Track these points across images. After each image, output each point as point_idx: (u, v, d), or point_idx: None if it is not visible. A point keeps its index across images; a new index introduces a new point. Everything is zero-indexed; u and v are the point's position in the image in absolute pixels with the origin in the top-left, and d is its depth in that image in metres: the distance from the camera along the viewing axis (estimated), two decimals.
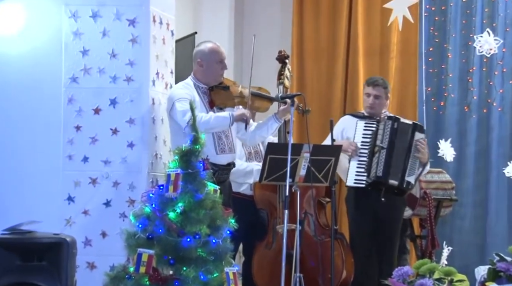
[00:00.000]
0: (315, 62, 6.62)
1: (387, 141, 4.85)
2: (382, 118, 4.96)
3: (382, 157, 4.84)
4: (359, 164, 4.90)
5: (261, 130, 4.66)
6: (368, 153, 4.90)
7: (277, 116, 4.65)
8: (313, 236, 4.92)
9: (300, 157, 4.33)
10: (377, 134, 4.90)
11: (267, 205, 5.02)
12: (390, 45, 6.48)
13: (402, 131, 4.88)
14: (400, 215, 5.06)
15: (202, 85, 4.56)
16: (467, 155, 6.47)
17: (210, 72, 4.52)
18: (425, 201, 5.46)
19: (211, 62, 4.51)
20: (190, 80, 4.59)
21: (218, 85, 4.57)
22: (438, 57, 6.52)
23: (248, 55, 6.67)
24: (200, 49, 4.57)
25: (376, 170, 4.84)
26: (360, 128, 4.94)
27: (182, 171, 3.88)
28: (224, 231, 3.93)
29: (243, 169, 4.94)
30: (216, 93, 4.55)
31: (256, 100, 4.59)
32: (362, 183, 4.87)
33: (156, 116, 4.67)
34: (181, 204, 3.85)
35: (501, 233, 6.39)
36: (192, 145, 3.90)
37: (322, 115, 6.32)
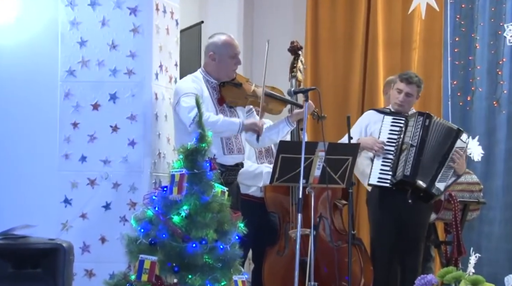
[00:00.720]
0: (330, 53, 6.64)
1: (418, 139, 4.88)
2: (412, 114, 4.99)
3: (411, 155, 4.87)
4: (384, 161, 4.93)
5: (271, 134, 4.69)
6: (394, 151, 4.92)
7: (289, 120, 4.68)
8: (328, 241, 4.94)
9: (314, 156, 4.34)
10: (406, 131, 4.92)
11: (278, 208, 5.04)
12: (412, 34, 6.49)
13: (444, 134, 4.89)
14: (426, 219, 5.09)
15: (212, 80, 4.58)
16: (496, 154, 6.46)
17: (222, 67, 4.55)
18: (450, 204, 5.46)
19: (224, 56, 4.53)
20: (200, 73, 4.61)
21: (229, 82, 4.58)
22: (464, 48, 6.52)
23: (258, 46, 6.73)
24: (213, 41, 4.59)
25: (404, 169, 4.86)
26: (387, 124, 4.97)
27: (187, 171, 3.90)
28: (232, 236, 3.95)
29: (252, 171, 4.97)
30: (227, 90, 4.56)
31: (269, 102, 4.61)
32: (387, 182, 4.90)
33: (159, 112, 4.70)
34: (186, 206, 3.88)
35: None
36: (198, 143, 3.92)
37: (338, 111, 6.34)
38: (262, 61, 4.55)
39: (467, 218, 5.67)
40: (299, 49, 5.17)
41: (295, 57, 5.15)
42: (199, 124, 3.95)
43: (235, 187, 4.62)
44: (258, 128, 4.48)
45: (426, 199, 4.96)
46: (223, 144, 4.51)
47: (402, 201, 4.87)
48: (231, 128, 4.44)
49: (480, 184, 5.73)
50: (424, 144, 4.87)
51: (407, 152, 4.86)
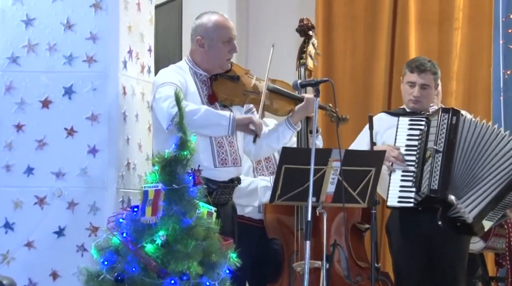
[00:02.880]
0: (348, 35, 6.69)
1: (443, 142, 4.88)
2: (434, 112, 5.00)
3: (437, 164, 4.88)
4: (404, 175, 4.95)
5: (270, 140, 4.68)
6: (416, 160, 4.94)
7: (290, 121, 4.67)
8: (345, 276, 4.97)
9: (327, 167, 4.36)
10: (428, 133, 4.94)
11: (281, 233, 5.06)
12: (453, 10, 6.55)
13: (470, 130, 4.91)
14: (464, 245, 5.08)
15: (201, 72, 4.59)
16: None
17: (213, 55, 4.56)
18: (502, 229, 5.49)
19: (215, 42, 4.55)
20: (185, 63, 4.63)
21: (224, 74, 4.60)
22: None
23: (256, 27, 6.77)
24: (201, 22, 4.60)
25: (430, 182, 4.87)
26: (403, 127, 4.98)
27: (164, 187, 3.93)
28: (222, 269, 3.96)
29: (245, 187, 4.98)
30: (220, 85, 4.58)
31: (275, 100, 4.63)
32: (410, 202, 4.91)
33: (128, 111, 4.72)
34: (163, 232, 3.89)
35: None
36: (178, 150, 3.96)
37: (358, 109, 6.37)
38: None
39: None
40: (310, 28, 5.17)
41: (306, 39, 5.15)
42: (179, 125, 3.97)
43: (229, 209, 4.64)
44: (256, 125, 4.45)
45: (463, 230, 4.95)
46: (214, 153, 4.53)
47: (430, 223, 4.89)
48: (217, 122, 4.38)
49: None
50: (453, 147, 4.87)
51: (432, 160, 4.88)
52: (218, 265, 3.97)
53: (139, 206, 3.95)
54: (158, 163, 3.96)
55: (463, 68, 6.51)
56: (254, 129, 4.46)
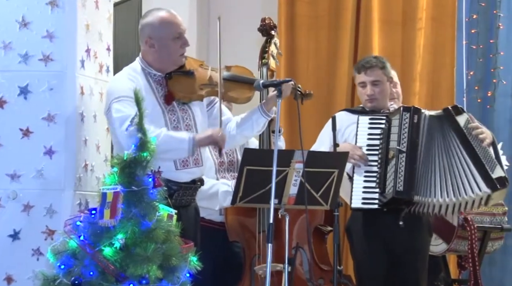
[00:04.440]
0: (311, 34, 6.70)
1: (406, 142, 4.90)
2: (395, 111, 5.02)
3: (402, 165, 4.89)
4: (367, 176, 4.96)
5: (243, 129, 4.67)
6: (379, 160, 4.96)
7: (264, 108, 4.65)
8: (307, 280, 4.98)
9: (290, 169, 4.37)
10: (389, 133, 4.95)
11: (243, 236, 5.07)
12: (417, 11, 6.59)
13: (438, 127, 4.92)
14: (426, 246, 5.11)
15: (155, 72, 4.57)
16: None
17: (165, 54, 4.53)
18: (465, 231, 5.53)
19: (164, 40, 4.51)
20: (138, 64, 4.60)
21: (178, 70, 4.57)
22: (484, 28, 6.64)
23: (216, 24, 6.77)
24: (147, 21, 4.55)
25: (395, 183, 4.88)
26: (364, 126, 4.99)
27: (123, 189, 3.91)
28: (182, 273, 3.96)
29: (206, 190, 4.97)
30: (175, 82, 4.55)
31: (232, 88, 4.61)
32: (375, 203, 4.93)
33: (86, 111, 4.69)
34: (122, 235, 3.87)
35: None
36: (137, 151, 3.94)
37: (321, 109, 6.39)
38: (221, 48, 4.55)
39: (488, 249, 5.75)
40: (272, 28, 5.19)
41: (268, 39, 5.17)
42: (139, 126, 3.95)
43: (192, 211, 4.62)
44: (217, 140, 4.43)
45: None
46: None
47: (393, 224, 4.90)
48: (176, 147, 4.37)
49: (504, 205, 5.81)
50: (416, 147, 4.90)
51: (396, 161, 4.89)
52: (178, 269, 3.97)
53: (97, 208, 3.94)
54: (117, 165, 3.94)
55: (426, 69, 6.55)
56: (215, 142, 4.46)
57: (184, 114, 4.56)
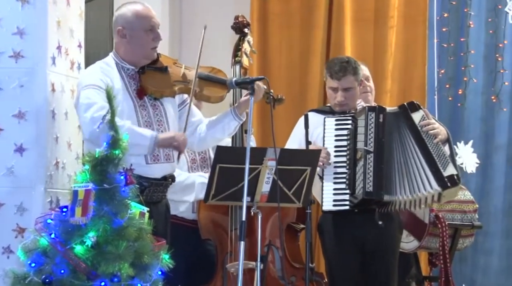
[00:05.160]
0: (283, 32, 6.70)
1: (373, 142, 4.91)
2: (361, 111, 5.03)
3: (370, 165, 4.90)
4: (336, 177, 4.96)
5: (214, 131, 4.68)
6: (347, 161, 4.96)
7: (236, 111, 4.67)
8: (279, 277, 4.99)
9: (262, 166, 4.37)
10: (356, 133, 4.96)
11: (215, 234, 5.07)
12: (388, 9, 6.60)
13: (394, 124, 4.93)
14: (397, 244, 5.13)
15: (128, 66, 4.56)
16: (495, 165, 6.62)
17: (136, 45, 4.52)
18: (436, 229, 5.56)
19: (137, 31, 4.52)
20: (112, 58, 4.59)
21: (151, 65, 4.57)
22: (455, 26, 6.67)
23: (188, 22, 6.75)
24: (122, 13, 4.56)
25: (364, 184, 4.89)
26: (330, 128, 4.98)
27: (94, 187, 3.88)
28: (154, 271, 3.94)
29: (181, 182, 4.96)
30: (148, 77, 4.54)
31: (205, 87, 4.60)
32: (346, 204, 4.93)
33: (57, 108, 4.67)
34: (93, 233, 3.85)
35: None
36: (109, 149, 3.91)
37: (294, 107, 6.39)
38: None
39: (458, 246, 5.78)
40: (245, 26, 5.20)
41: (241, 36, 5.17)
42: (111, 123, 3.94)
43: (163, 207, 4.61)
44: (178, 143, 4.44)
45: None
46: None
47: (363, 223, 4.92)
48: (137, 142, 4.33)
49: (474, 202, 5.85)
50: (382, 146, 4.91)
51: (364, 161, 4.89)
52: (150, 267, 3.95)
53: (68, 206, 3.91)
54: (88, 162, 3.92)
55: (398, 67, 6.57)
56: (176, 146, 4.45)
57: (156, 110, 4.55)
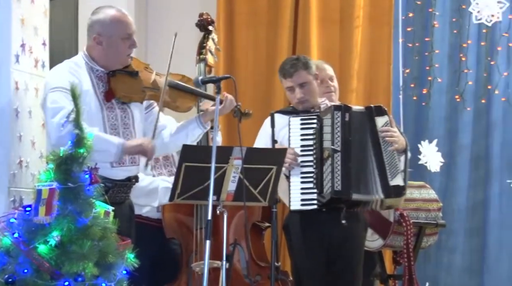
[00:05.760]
0: (250, 31, 6.69)
1: (340, 141, 4.91)
2: (326, 109, 5.03)
3: (338, 164, 4.91)
4: (304, 177, 4.96)
5: (177, 138, 4.66)
6: (314, 160, 4.96)
7: (201, 120, 4.66)
8: (244, 276, 4.99)
9: (228, 165, 4.37)
10: (322, 132, 4.96)
11: (180, 233, 5.06)
12: (354, 9, 6.61)
13: (358, 124, 4.95)
14: (362, 243, 5.15)
15: (98, 68, 4.52)
16: (459, 163, 6.66)
17: (112, 52, 4.49)
18: (401, 227, 5.58)
19: (114, 39, 4.48)
20: (82, 58, 4.55)
21: (122, 70, 4.53)
22: (420, 26, 6.70)
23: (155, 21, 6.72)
24: (98, 18, 4.51)
25: (333, 183, 4.89)
26: (295, 128, 4.98)
27: (59, 186, 3.85)
28: (119, 270, 3.92)
29: (144, 186, 4.96)
30: (118, 81, 4.51)
31: (176, 96, 4.59)
32: (313, 204, 4.93)
33: (21, 107, 4.64)
34: (57, 232, 3.82)
35: (505, 272, 6.60)
36: (74, 148, 3.88)
37: (260, 106, 6.38)
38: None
39: (422, 244, 5.81)
40: (210, 23, 5.20)
41: (206, 34, 5.17)
42: (76, 122, 3.91)
43: (127, 208, 4.60)
44: (146, 150, 4.42)
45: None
46: None
47: (330, 222, 4.92)
48: (105, 149, 4.32)
49: (438, 201, 5.88)
50: (349, 145, 4.91)
51: (331, 160, 4.90)
52: (115, 266, 3.93)
53: (32, 205, 3.87)
54: (53, 161, 3.89)
55: (363, 66, 6.59)
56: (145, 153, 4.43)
57: (123, 113, 4.53)
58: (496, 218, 6.64)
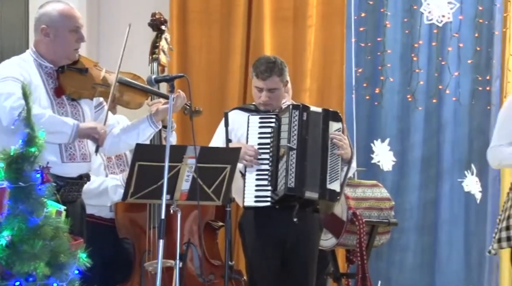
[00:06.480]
0: (203, 30, 6.67)
1: (297, 139, 4.93)
2: (285, 109, 5.03)
3: (293, 162, 4.92)
4: (259, 174, 4.95)
5: (128, 136, 4.61)
6: (270, 158, 4.96)
7: (153, 119, 4.62)
8: (197, 275, 4.98)
9: (182, 164, 4.35)
10: (279, 131, 4.97)
11: (133, 232, 5.03)
12: (307, 8, 6.62)
13: (313, 124, 4.98)
14: (316, 243, 5.16)
15: (46, 64, 4.48)
16: (411, 162, 6.71)
17: (59, 45, 4.46)
18: (354, 226, 5.60)
19: (61, 31, 4.45)
20: (30, 55, 4.50)
21: (71, 66, 4.50)
22: (372, 26, 6.73)
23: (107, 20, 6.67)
24: (46, 11, 4.48)
25: (286, 180, 4.90)
26: (254, 125, 4.99)
27: (9, 185, 3.78)
28: (71, 270, 3.86)
29: (95, 188, 4.94)
30: (67, 77, 4.48)
31: (125, 92, 4.56)
32: (267, 201, 4.93)
33: None
34: (8, 232, 3.76)
35: (455, 270, 6.67)
36: (25, 146, 3.82)
37: (213, 105, 6.37)
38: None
39: (375, 243, 5.84)
40: (162, 23, 5.18)
41: (158, 34, 5.16)
42: (27, 121, 3.86)
43: (78, 206, 4.56)
44: (98, 135, 4.38)
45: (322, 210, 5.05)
46: (62, 147, 4.42)
47: (285, 220, 4.92)
48: (59, 129, 4.30)
49: (391, 199, 5.92)
50: (305, 144, 4.93)
51: (286, 158, 4.91)
52: (67, 266, 3.87)
53: None
54: (3, 160, 3.82)
55: (317, 65, 6.60)
56: (96, 138, 4.39)
57: (73, 109, 4.50)
58: (446, 216, 6.70)
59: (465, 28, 6.74)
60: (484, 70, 6.75)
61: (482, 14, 6.74)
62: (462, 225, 6.69)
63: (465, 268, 6.67)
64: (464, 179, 6.68)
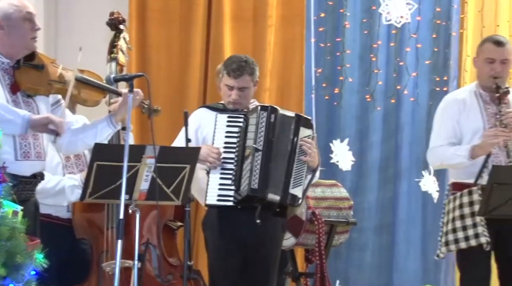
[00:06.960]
0: (162, 30, 6.64)
1: (263, 141, 4.92)
2: (253, 109, 5.03)
3: (257, 163, 4.91)
4: (223, 174, 4.94)
5: (86, 136, 4.57)
6: (235, 158, 4.95)
7: (112, 119, 4.58)
8: (156, 276, 4.96)
9: (141, 164, 4.32)
10: (246, 131, 4.96)
11: (91, 233, 5.00)
12: (267, 8, 6.62)
13: (283, 127, 4.99)
14: (278, 243, 5.16)
15: (3, 59, 4.42)
16: (369, 162, 6.74)
17: (16, 35, 4.40)
18: (313, 225, 5.60)
19: (15, 21, 4.40)
20: None
21: (27, 62, 4.45)
22: (331, 26, 6.74)
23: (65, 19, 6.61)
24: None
25: (250, 181, 4.89)
26: (221, 124, 4.98)
27: None
28: (27, 271, 3.84)
29: (52, 187, 4.91)
30: (23, 73, 4.43)
31: (82, 89, 4.51)
32: (230, 200, 4.92)
33: None
34: None
35: (412, 269, 6.71)
36: None
37: (173, 105, 6.35)
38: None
39: (334, 242, 5.85)
40: (121, 22, 5.16)
41: (116, 33, 5.13)
42: None
43: (32, 206, 4.50)
44: (55, 123, 4.31)
45: (282, 214, 5.03)
46: (16, 145, 4.36)
47: (248, 221, 4.92)
48: (10, 119, 4.24)
49: (350, 199, 5.93)
50: (271, 145, 4.92)
51: (251, 158, 4.90)
52: (23, 266, 3.85)
53: None
54: None
55: (277, 65, 6.61)
56: (54, 128, 4.32)
57: (28, 107, 4.43)
58: (404, 216, 6.74)
59: (423, 29, 6.79)
60: (441, 71, 6.80)
61: (440, 15, 6.79)
62: (420, 224, 6.74)
63: (422, 267, 6.72)
64: (422, 178, 6.73)
